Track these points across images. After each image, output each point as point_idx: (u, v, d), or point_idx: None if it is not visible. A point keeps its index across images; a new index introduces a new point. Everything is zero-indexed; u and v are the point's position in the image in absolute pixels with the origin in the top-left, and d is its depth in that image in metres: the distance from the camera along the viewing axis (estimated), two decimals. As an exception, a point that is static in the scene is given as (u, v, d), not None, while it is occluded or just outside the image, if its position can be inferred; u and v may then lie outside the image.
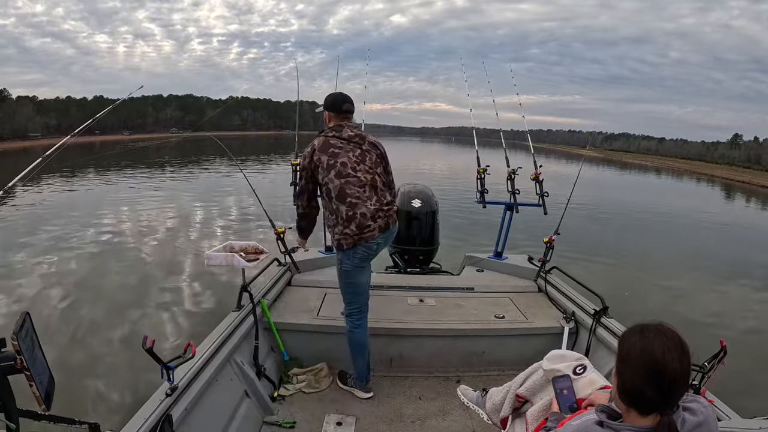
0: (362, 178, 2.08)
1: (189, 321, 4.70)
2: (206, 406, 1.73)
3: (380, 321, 2.53)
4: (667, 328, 0.94)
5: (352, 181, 2.06)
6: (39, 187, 13.68)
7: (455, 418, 2.17)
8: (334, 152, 2.09)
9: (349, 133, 2.15)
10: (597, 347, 2.33)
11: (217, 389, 1.86)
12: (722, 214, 17.86)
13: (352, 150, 2.12)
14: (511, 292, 3.02)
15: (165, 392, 1.51)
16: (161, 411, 1.44)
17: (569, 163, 36.82)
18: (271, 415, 2.12)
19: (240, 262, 2.35)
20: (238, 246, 2.59)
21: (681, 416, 0.94)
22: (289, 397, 2.28)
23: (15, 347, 0.96)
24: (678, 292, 6.49)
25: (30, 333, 1.04)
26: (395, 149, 52.64)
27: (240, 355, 2.12)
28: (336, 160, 2.07)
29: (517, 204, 3.30)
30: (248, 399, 2.07)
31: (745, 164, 73.28)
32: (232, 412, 1.92)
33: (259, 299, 2.45)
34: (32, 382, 0.99)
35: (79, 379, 3.51)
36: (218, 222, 9.90)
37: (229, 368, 2.02)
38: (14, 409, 1.04)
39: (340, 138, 2.13)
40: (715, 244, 10.89)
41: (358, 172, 2.09)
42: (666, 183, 36.28)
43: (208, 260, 2.42)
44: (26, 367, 0.97)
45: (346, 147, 2.12)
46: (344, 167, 2.07)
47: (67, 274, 6.11)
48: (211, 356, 1.87)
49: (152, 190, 14.83)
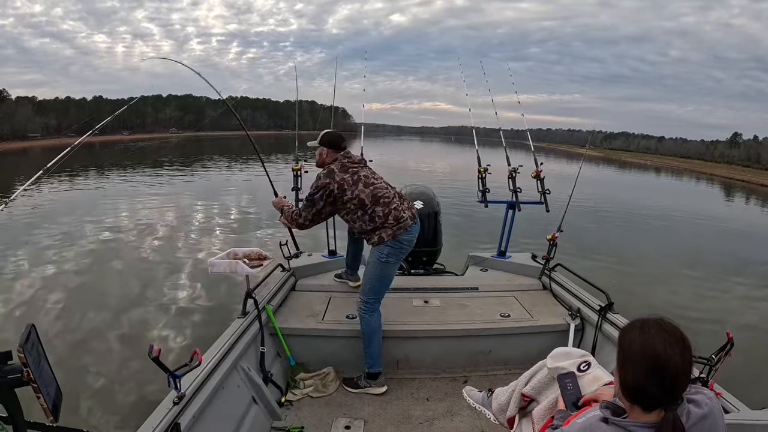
0: (384, 186, 2.40)
1: (195, 328, 4.69)
2: (214, 414, 1.73)
3: (386, 323, 2.52)
4: (668, 323, 0.93)
5: (379, 187, 2.36)
6: (39, 191, 13.70)
7: (463, 419, 2.16)
8: (353, 171, 2.35)
9: (358, 157, 2.48)
10: (604, 343, 2.32)
11: (225, 396, 1.86)
12: (723, 213, 17.78)
13: (363, 169, 2.43)
14: (516, 291, 3.02)
15: (172, 401, 1.51)
16: (169, 420, 1.43)
17: (570, 162, 36.64)
18: (279, 421, 2.12)
19: (244, 269, 2.35)
20: (241, 252, 2.59)
21: (686, 408, 0.92)
22: (297, 402, 2.28)
23: (21, 359, 0.96)
24: (681, 288, 6.47)
25: (36, 345, 1.04)
26: (396, 149, 52.94)
27: (246, 362, 2.12)
28: (358, 175, 2.35)
29: (519, 202, 3.29)
30: (256, 405, 2.07)
31: (744, 163, 72.66)
32: (240, 418, 1.92)
33: (264, 305, 2.45)
34: (39, 394, 0.99)
35: (86, 390, 3.51)
36: (222, 224, 9.90)
37: (235, 375, 2.02)
38: (22, 422, 1.04)
39: (352, 162, 2.40)
40: (717, 242, 10.86)
41: (378, 181, 2.41)
42: (666, 182, 36.02)
43: (211, 267, 2.43)
44: (33, 379, 0.97)
45: (359, 166, 2.41)
46: (367, 179, 2.36)
47: (70, 281, 6.12)
48: (217, 363, 1.87)
49: (155, 189, 14.86)
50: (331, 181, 2.28)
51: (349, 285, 2.99)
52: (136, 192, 14.34)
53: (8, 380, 1.00)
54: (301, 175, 3.37)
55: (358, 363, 2.49)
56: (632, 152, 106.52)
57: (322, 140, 2.43)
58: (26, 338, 0.99)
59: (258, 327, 2.31)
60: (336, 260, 3.41)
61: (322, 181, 2.30)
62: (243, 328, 2.20)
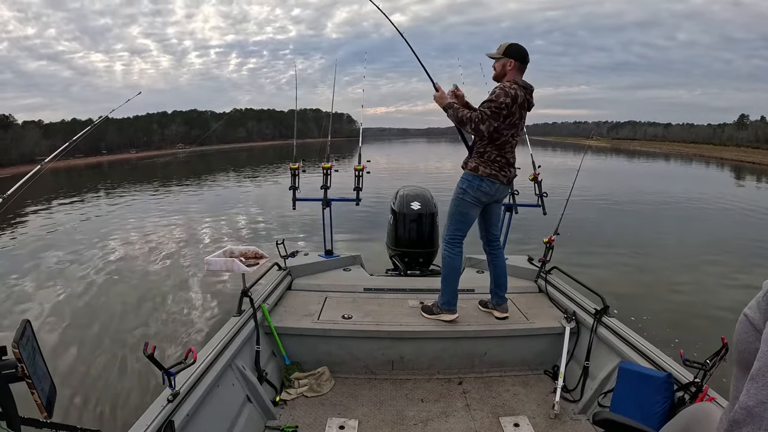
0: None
1: (190, 327, 4.69)
2: (208, 412, 1.73)
3: (381, 324, 2.53)
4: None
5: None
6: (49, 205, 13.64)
7: (458, 420, 2.16)
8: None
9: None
10: (598, 347, 2.33)
11: (219, 395, 1.86)
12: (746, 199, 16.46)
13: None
14: (512, 293, 3.02)
15: (167, 398, 1.51)
16: (163, 417, 1.44)
17: (576, 154, 35.97)
18: (273, 420, 2.12)
19: (240, 267, 2.35)
20: (238, 251, 2.59)
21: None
22: (291, 402, 2.28)
23: (16, 355, 0.96)
24: (685, 286, 6.38)
25: (31, 341, 1.05)
26: (403, 151, 52.89)
27: (241, 360, 2.12)
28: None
29: (516, 205, 3.30)
30: (250, 404, 2.07)
31: (753, 144, 72.05)
32: (234, 417, 1.92)
33: (259, 304, 2.45)
34: (34, 390, 0.99)
35: (80, 386, 3.50)
36: (223, 227, 9.91)
37: (230, 373, 2.02)
38: (16, 417, 1.05)
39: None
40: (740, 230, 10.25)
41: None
42: (677, 169, 34.80)
43: (208, 265, 2.43)
44: (27, 375, 0.98)
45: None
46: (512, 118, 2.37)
47: (67, 280, 6.12)
48: (212, 362, 1.87)
49: (155, 200, 14.83)
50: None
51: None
52: (138, 202, 14.19)
53: (2, 376, 1.00)
54: (298, 174, 3.37)
55: (353, 363, 2.50)
56: (639, 141, 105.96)
57: (508, 50, 2.38)
58: (21, 334, 1.00)
59: (253, 326, 2.31)
60: (332, 260, 3.42)
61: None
62: (238, 327, 2.20)
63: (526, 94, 2.38)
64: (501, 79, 2.43)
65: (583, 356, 2.37)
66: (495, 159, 2.42)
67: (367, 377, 2.50)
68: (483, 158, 2.43)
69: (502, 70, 2.42)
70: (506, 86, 2.32)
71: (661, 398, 1.69)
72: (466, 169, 2.49)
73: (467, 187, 2.45)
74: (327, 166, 3.37)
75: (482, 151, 2.43)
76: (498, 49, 2.44)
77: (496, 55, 2.43)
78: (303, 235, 8.05)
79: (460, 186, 2.49)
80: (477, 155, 2.45)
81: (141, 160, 43.66)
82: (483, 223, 2.69)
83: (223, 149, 52.56)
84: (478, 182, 2.43)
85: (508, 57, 2.39)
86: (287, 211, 3.98)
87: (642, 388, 1.76)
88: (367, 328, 2.50)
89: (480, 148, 2.44)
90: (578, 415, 2.18)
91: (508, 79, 2.38)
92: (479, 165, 2.43)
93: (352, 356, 2.50)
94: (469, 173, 2.45)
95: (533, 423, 2.11)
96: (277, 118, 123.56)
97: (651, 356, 1.98)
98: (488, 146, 2.41)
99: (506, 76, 2.40)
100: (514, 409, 2.24)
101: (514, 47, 2.40)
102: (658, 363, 1.91)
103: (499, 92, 2.32)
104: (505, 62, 2.40)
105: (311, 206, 3.63)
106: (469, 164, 2.47)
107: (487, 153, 2.42)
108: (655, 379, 1.75)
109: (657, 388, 1.72)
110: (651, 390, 1.73)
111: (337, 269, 3.39)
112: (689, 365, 1.67)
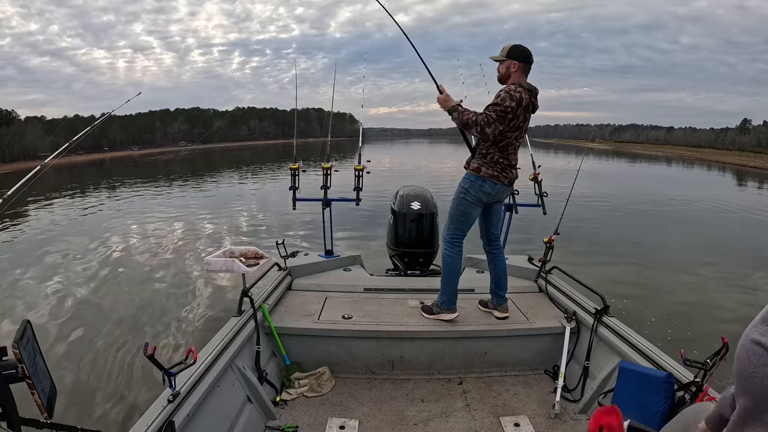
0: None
1: (190, 327, 4.69)
2: (208, 412, 1.73)
3: (381, 324, 2.53)
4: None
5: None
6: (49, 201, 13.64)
7: (458, 420, 2.16)
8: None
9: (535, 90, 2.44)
10: (598, 346, 2.33)
11: (219, 395, 1.86)
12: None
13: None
14: (512, 293, 3.02)
15: (167, 399, 1.51)
16: (163, 418, 1.44)
17: (579, 157, 35.96)
18: (273, 420, 2.12)
19: (240, 267, 2.35)
20: (238, 251, 2.59)
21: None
22: (291, 402, 2.28)
23: (16, 355, 0.96)
24: (685, 285, 6.37)
25: (31, 341, 1.05)
26: (405, 152, 52.86)
27: (241, 361, 2.12)
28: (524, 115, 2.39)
29: (516, 205, 3.30)
30: (250, 404, 2.07)
31: (755, 149, 72.08)
32: (234, 417, 1.92)
33: (259, 304, 2.45)
34: (34, 390, 0.99)
35: (80, 387, 3.50)
36: (223, 229, 9.90)
37: (230, 374, 2.02)
38: (16, 417, 1.05)
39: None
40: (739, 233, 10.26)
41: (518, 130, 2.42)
42: (679, 172, 34.78)
43: (207, 266, 2.43)
44: (28, 375, 0.98)
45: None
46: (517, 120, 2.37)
47: (67, 279, 6.12)
48: (212, 362, 1.87)
49: (155, 199, 14.83)
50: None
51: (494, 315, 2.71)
52: (133, 209, 14.13)
53: (3, 376, 1.00)
54: (298, 174, 3.37)
55: (353, 363, 2.50)
56: (642, 144, 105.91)
57: (511, 52, 2.37)
58: (21, 334, 1.00)
59: (253, 326, 2.31)
60: (332, 260, 3.42)
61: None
62: (238, 327, 2.20)
63: (531, 96, 2.37)
64: (505, 81, 2.43)
65: (583, 356, 2.37)
66: (497, 160, 2.42)
67: (368, 377, 2.50)
68: (486, 159, 2.43)
69: (507, 72, 2.41)
70: (511, 89, 2.31)
71: (661, 398, 1.69)
72: (468, 170, 2.49)
73: (469, 187, 2.46)
74: (327, 166, 3.37)
75: (485, 153, 2.44)
76: (501, 51, 2.43)
77: (500, 57, 2.42)
78: (303, 235, 8.07)
79: (462, 186, 2.49)
80: (480, 156, 2.46)
81: (143, 158, 43.70)
82: (483, 222, 2.68)
83: (225, 147, 52.73)
84: (480, 183, 2.44)
85: (511, 59, 2.38)
86: (288, 210, 3.98)
87: (642, 388, 1.76)
88: (367, 328, 2.50)
89: (483, 149, 2.45)
90: (578, 415, 2.18)
91: (513, 81, 2.37)
92: (482, 166, 2.44)
93: (352, 356, 2.50)
94: (472, 174, 2.46)
95: (533, 423, 2.11)
96: (280, 117, 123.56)
97: (651, 356, 1.97)
98: (491, 148, 2.41)
99: (511, 78, 2.40)
100: (514, 409, 2.23)
101: (517, 49, 2.39)
102: (659, 363, 1.91)
103: (504, 96, 2.31)
104: (509, 64, 2.39)
105: (311, 206, 3.63)
106: (471, 165, 2.48)
107: (490, 154, 2.42)
108: (656, 379, 1.74)
109: (657, 387, 1.71)
110: (651, 390, 1.72)
111: (338, 269, 3.39)
112: (689, 365, 1.67)
